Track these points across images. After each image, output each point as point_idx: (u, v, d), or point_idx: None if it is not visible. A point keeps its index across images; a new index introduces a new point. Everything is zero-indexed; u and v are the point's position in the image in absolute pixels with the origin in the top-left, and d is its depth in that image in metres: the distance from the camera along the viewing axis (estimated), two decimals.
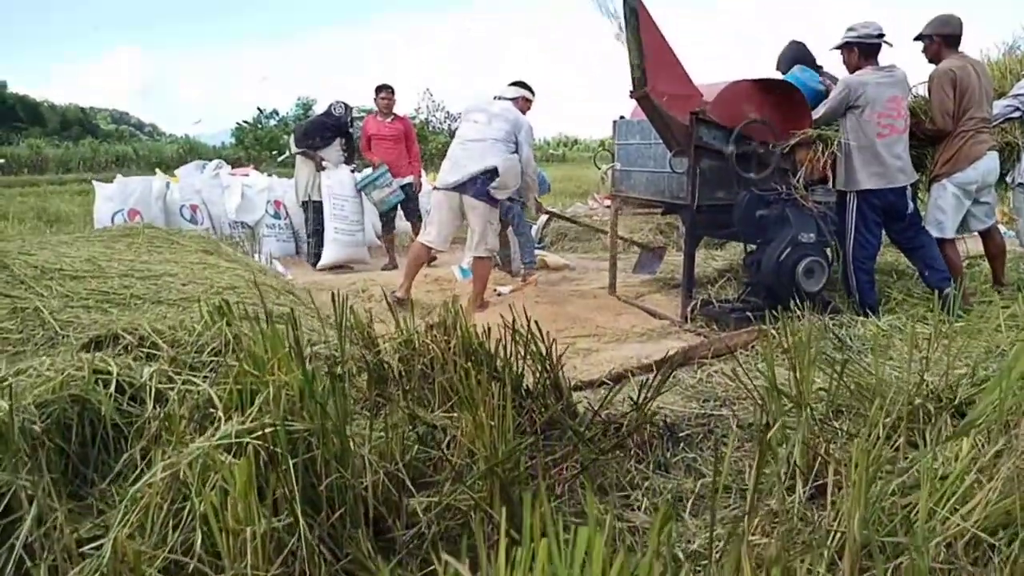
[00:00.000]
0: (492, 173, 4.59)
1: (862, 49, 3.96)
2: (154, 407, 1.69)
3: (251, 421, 1.39)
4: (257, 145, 41.03)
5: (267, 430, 1.35)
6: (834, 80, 4.42)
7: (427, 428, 2.00)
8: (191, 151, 42.62)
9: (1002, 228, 5.70)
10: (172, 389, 1.69)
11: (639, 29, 3.88)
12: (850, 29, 4.00)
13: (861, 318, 3.75)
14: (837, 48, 4.06)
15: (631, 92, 4.06)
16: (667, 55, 4.05)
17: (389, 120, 6.87)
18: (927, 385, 2.30)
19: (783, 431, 2.16)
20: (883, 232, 4.13)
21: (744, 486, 2.07)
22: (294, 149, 6.73)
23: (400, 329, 2.44)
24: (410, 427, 2.03)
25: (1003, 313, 4.07)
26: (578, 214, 8.85)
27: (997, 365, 2.73)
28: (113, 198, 6.00)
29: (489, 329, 2.34)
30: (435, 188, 4.90)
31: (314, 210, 6.71)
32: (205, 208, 6.89)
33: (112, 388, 1.69)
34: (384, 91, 6.92)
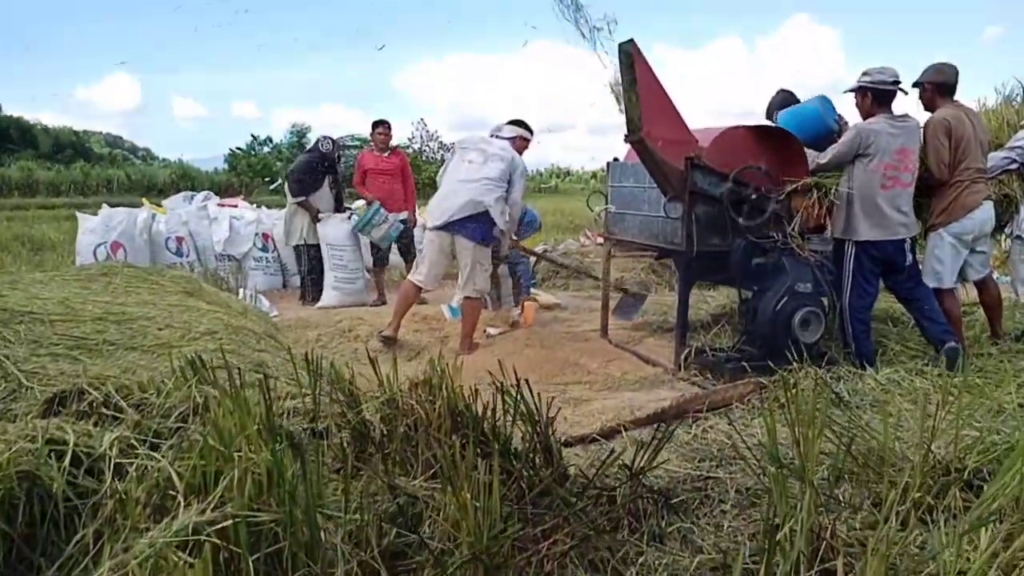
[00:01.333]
0: (484, 215, 4.52)
1: (876, 95, 3.88)
2: (112, 480, 1.56)
3: (212, 509, 1.27)
4: (250, 171, 41.17)
5: (229, 522, 1.23)
6: (846, 123, 4.37)
7: (408, 499, 1.88)
8: (184, 176, 42.65)
9: (996, 275, 5.67)
10: (132, 463, 1.57)
11: (635, 73, 3.84)
12: (865, 74, 3.92)
13: (858, 371, 3.65)
14: (851, 91, 3.99)
15: (626, 136, 4.01)
16: (662, 99, 4.00)
17: (386, 155, 6.84)
18: (934, 455, 2.20)
19: (784, 501, 2.05)
20: (880, 282, 4.05)
21: (745, 564, 1.95)
22: (291, 199, 6.65)
23: (383, 387, 2.32)
24: (390, 498, 1.91)
25: (1004, 367, 4.03)
26: (569, 251, 8.79)
27: (1005, 429, 2.64)
28: (96, 230, 5.88)
29: (477, 391, 2.22)
30: (427, 228, 4.81)
31: (308, 253, 6.64)
32: (191, 240, 6.77)
33: (67, 460, 1.56)
34: (381, 126, 6.91)
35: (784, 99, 4.95)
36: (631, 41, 3.86)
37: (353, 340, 5.00)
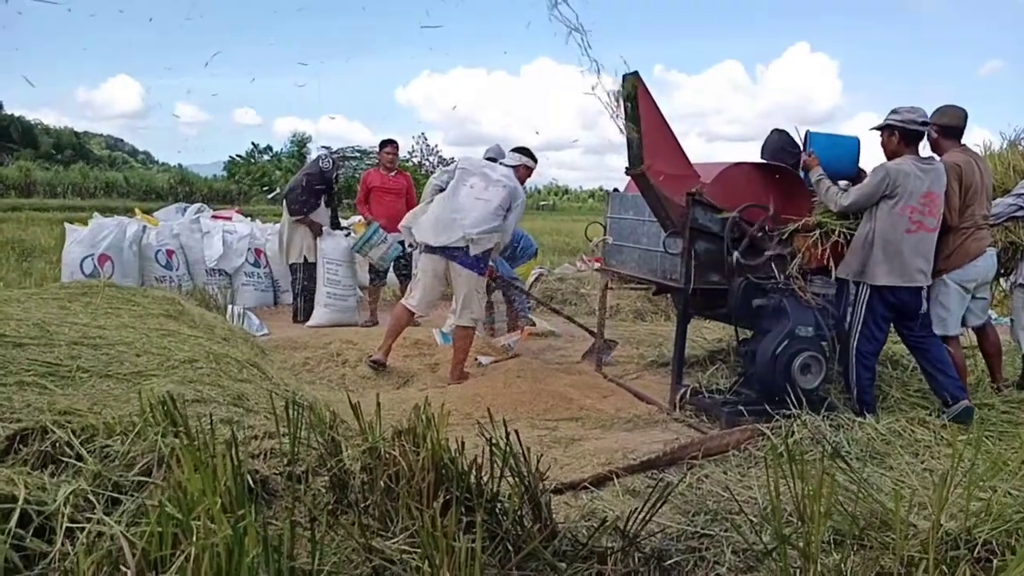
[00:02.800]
0: (470, 237, 4.45)
1: (903, 134, 3.73)
2: (63, 543, 1.44)
3: None
4: (248, 179, 41.14)
5: None
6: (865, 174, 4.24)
7: (384, 563, 1.76)
8: (183, 182, 42.63)
9: (993, 315, 5.59)
10: (83, 529, 1.45)
11: (638, 106, 3.76)
12: (894, 112, 3.79)
13: (859, 420, 3.55)
14: (877, 129, 3.86)
15: (627, 169, 3.93)
16: (665, 133, 3.93)
17: (393, 174, 6.80)
18: (943, 527, 2.09)
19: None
20: (889, 328, 3.93)
21: None
22: (289, 218, 6.55)
23: (365, 435, 2.20)
24: (365, 559, 1.79)
25: (1011, 418, 3.93)
26: (565, 275, 8.69)
27: (1014, 491, 2.54)
28: (83, 242, 5.76)
29: (463, 443, 2.10)
30: (422, 252, 4.69)
31: (305, 270, 6.55)
32: (182, 254, 6.66)
33: (15, 520, 1.44)
34: (389, 145, 6.88)
35: (780, 140, 4.88)
36: (635, 73, 3.79)
37: (341, 365, 4.88)
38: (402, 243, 6.56)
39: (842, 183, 4.06)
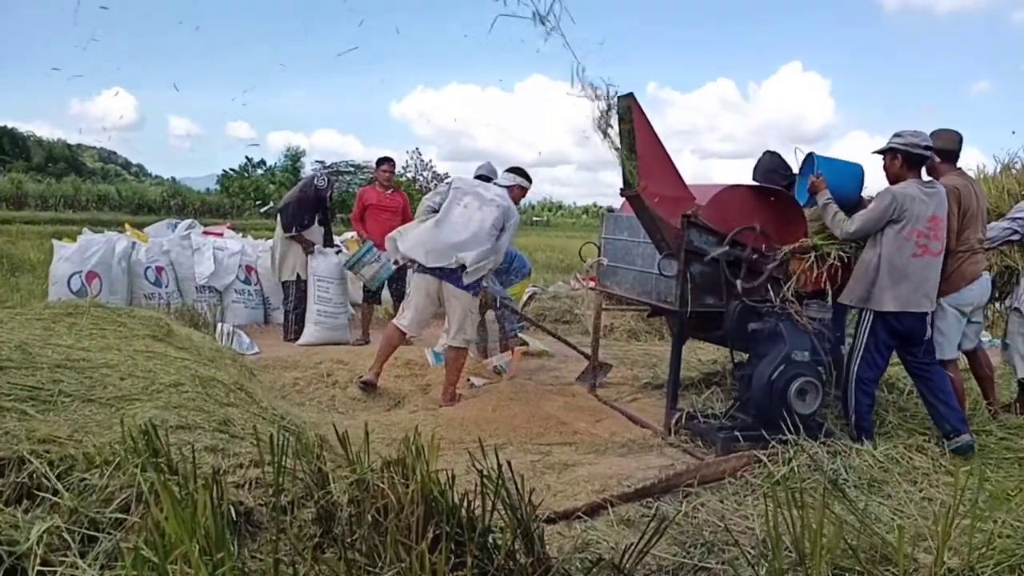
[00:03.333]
0: (463, 260, 4.40)
1: (907, 158, 3.69)
2: None
3: None
4: (241, 193, 41.08)
5: None
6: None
7: None
8: (175, 195, 42.53)
9: (985, 337, 5.57)
10: (56, 572, 1.38)
11: (633, 127, 3.74)
12: (897, 135, 3.74)
13: (856, 447, 3.50)
14: (880, 152, 3.82)
15: (622, 190, 3.90)
16: (660, 155, 3.91)
17: (389, 192, 6.78)
18: (945, 564, 2.04)
19: None
20: (891, 355, 3.88)
21: None
22: (282, 234, 6.50)
23: (353, 466, 2.14)
24: None
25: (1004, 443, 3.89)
26: (559, 294, 8.65)
27: (1016, 523, 2.49)
28: (72, 259, 5.68)
29: (453, 476, 2.04)
30: (415, 271, 4.64)
31: (298, 288, 6.49)
32: (172, 270, 6.58)
33: None
34: (387, 163, 6.89)
35: (772, 162, 4.87)
36: (630, 95, 3.77)
37: (331, 386, 4.81)
38: (396, 264, 6.53)
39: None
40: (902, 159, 3.70)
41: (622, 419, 4.36)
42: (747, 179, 4.36)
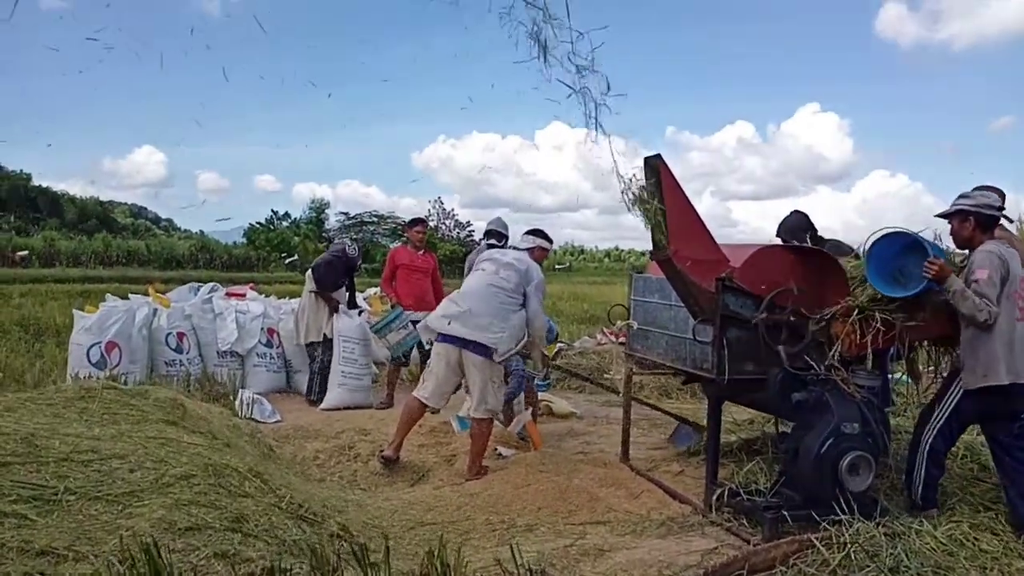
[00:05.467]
0: (494, 343, 4.24)
1: (979, 220, 3.45)
2: None
3: None
4: (267, 246, 41.67)
5: None
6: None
7: None
8: (203, 248, 43.24)
9: None
10: None
11: (661, 188, 3.59)
12: (964, 196, 3.51)
13: (915, 527, 3.22)
14: (946, 216, 3.57)
15: (652, 254, 3.74)
16: (690, 216, 3.74)
17: (421, 253, 6.74)
18: None
19: None
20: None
21: None
22: (311, 296, 6.53)
23: None
24: None
25: None
26: (586, 349, 8.45)
27: None
28: (91, 329, 5.62)
29: None
30: (436, 340, 4.49)
31: (325, 348, 6.46)
32: (194, 335, 6.50)
33: None
34: (419, 224, 6.93)
35: (798, 220, 4.72)
36: (658, 156, 3.63)
37: (353, 459, 4.63)
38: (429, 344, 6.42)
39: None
40: (975, 222, 3.45)
41: (659, 493, 4.11)
42: (770, 218, 4.19)
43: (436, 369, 4.44)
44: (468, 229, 48.93)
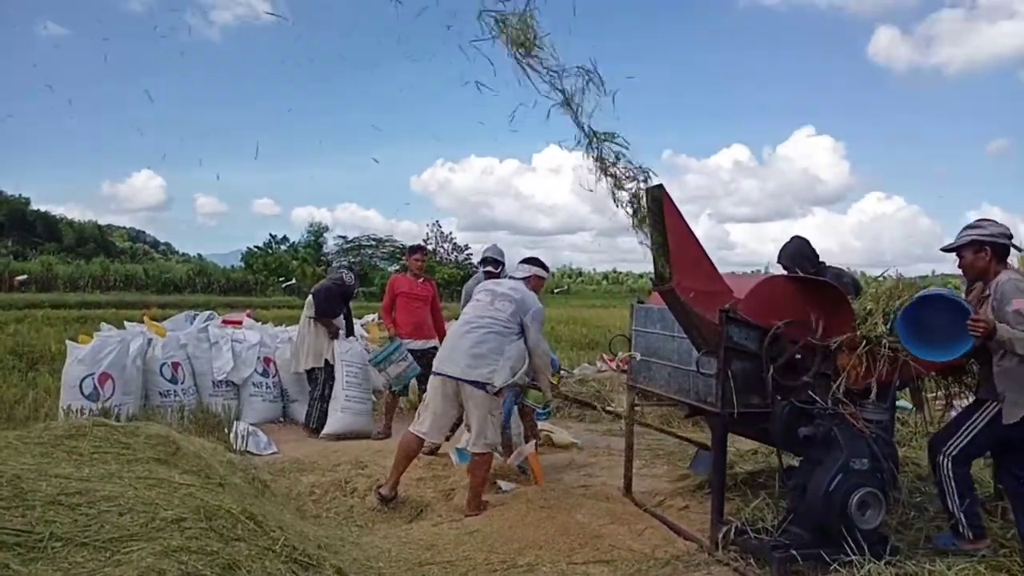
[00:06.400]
0: (490, 378, 4.16)
1: (995, 250, 3.41)
2: None
3: None
4: (265, 270, 41.68)
5: None
6: None
7: None
8: (200, 272, 43.24)
9: None
10: None
11: (664, 220, 3.54)
12: (974, 227, 3.46)
13: (928, 568, 3.14)
14: (956, 248, 3.52)
15: (654, 285, 3.69)
16: (693, 247, 3.69)
17: (421, 281, 6.68)
18: None
19: None
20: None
21: None
22: (311, 322, 6.53)
23: None
24: None
25: None
26: (586, 376, 8.36)
27: None
28: (85, 360, 5.53)
29: None
30: (433, 373, 4.41)
31: (327, 374, 6.44)
32: (189, 365, 6.41)
33: None
34: (419, 252, 6.88)
35: (799, 247, 4.66)
36: (660, 187, 3.60)
37: (349, 494, 4.52)
38: (428, 352, 6.35)
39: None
40: (991, 252, 3.41)
41: (663, 529, 4.01)
42: (767, 240, 4.15)
43: (433, 403, 4.35)
44: (466, 252, 49.04)
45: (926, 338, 3.32)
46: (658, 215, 3.57)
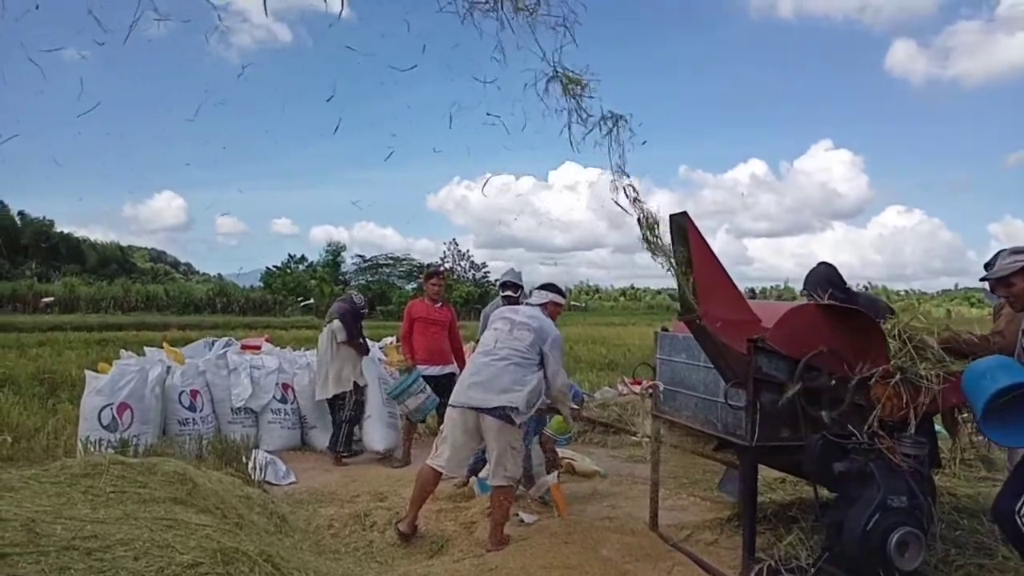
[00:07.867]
0: (512, 402, 4.08)
1: None
2: None
3: None
4: (284, 290, 41.91)
5: None
6: None
7: None
8: (221, 293, 43.54)
9: None
10: None
11: (689, 248, 3.45)
12: (1020, 252, 3.33)
13: None
14: (999, 279, 3.37)
15: (680, 315, 3.59)
16: (719, 276, 3.59)
17: (439, 306, 6.61)
18: None
19: None
20: None
21: None
22: (340, 338, 6.51)
23: None
24: None
25: None
26: (607, 400, 8.23)
27: None
28: (103, 391, 5.51)
29: None
30: (450, 405, 4.33)
31: (356, 395, 6.45)
32: (208, 392, 6.39)
33: None
34: (436, 277, 6.83)
35: (827, 273, 4.52)
36: (684, 214, 3.50)
37: (369, 528, 4.43)
38: (445, 378, 6.29)
39: None
40: None
41: (691, 566, 3.88)
42: (785, 255, 4.02)
43: (452, 436, 4.25)
44: (484, 270, 49.08)
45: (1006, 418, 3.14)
46: (682, 242, 3.48)
